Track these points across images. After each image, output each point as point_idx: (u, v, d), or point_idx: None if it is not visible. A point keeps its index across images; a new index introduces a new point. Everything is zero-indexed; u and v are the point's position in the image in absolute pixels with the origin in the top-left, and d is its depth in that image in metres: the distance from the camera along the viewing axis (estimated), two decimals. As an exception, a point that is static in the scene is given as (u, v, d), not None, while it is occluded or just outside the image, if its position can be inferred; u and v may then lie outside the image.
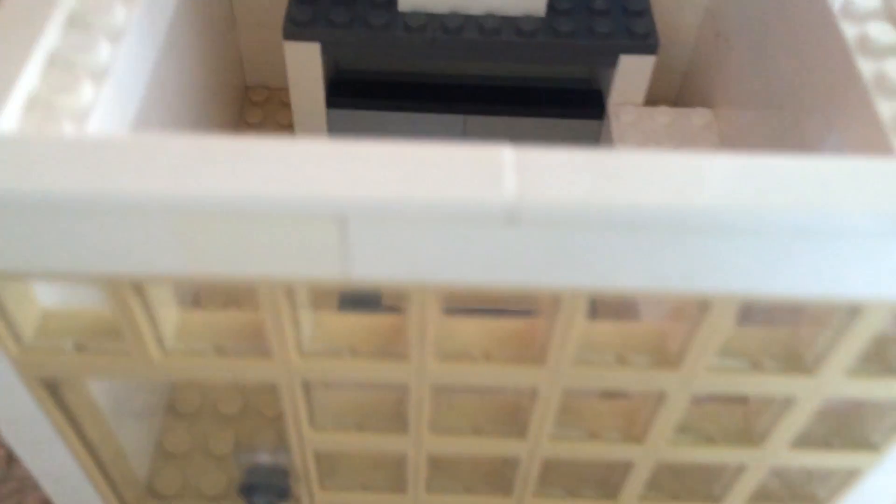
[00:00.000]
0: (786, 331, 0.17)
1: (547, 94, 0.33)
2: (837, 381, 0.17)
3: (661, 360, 0.17)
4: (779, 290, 0.15)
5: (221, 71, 0.33)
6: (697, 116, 0.31)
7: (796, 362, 0.17)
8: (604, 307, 0.30)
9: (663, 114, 0.31)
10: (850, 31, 0.21)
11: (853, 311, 0.15)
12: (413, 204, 0.13)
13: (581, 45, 0.30)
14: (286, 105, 0.36)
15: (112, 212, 0.13)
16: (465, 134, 0.33)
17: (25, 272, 0.14)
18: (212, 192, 0.13)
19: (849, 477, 0.20)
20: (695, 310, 0.16)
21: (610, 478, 0.21)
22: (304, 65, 0.31)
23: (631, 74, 0.30)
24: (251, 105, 0.38)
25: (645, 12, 0.30)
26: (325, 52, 0.31)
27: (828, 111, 0.21)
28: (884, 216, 0.13)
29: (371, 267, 0.14)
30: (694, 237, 0.14)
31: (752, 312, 0.16)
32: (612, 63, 0.30)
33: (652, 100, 0.32)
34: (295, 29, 0.30)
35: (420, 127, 0.33)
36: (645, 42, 0.30)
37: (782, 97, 0.25)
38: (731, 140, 0.30)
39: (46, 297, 0.17)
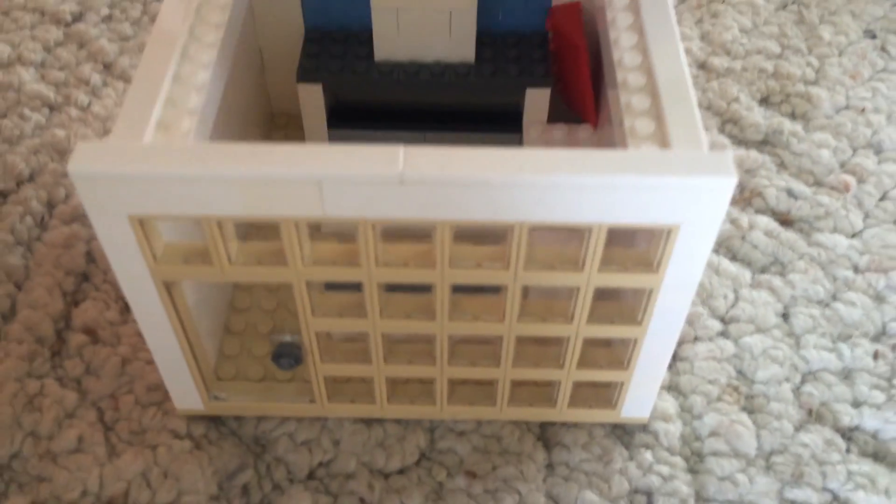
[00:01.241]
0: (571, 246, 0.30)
1: (483, 115, 0.46)
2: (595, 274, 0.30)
3: (502, 266, 0.30)
4: (554, 217, 0.28)
5: (256, 103, 0.47)
6: (582, 130, 0.44)
7: (574, 264, 0.30)
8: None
9: (559, 129, 0.44)
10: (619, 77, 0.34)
11: (587, 231, 0.28)
12: (356, 174, 0.27)
13: (498, 83, 0.43)
14: (300, 127, 0.50)
15: (204, 182, 0.27)
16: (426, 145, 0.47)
17: (158, 215, 0.28)
18: (254, 171, 0.27)
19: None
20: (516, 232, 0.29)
21: (493, 352, 0.35)
22: (311, 99, 0.45)
23: (535, 102, 0.44)
24: (276, 127, 0.51)
25: (544, 58, 0.44)
26: (326, 90, 0.44)
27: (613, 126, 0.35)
28: (587, 178, 0.27)
29: (336, 209, 0.28)
30: (496, 190, 0.27)
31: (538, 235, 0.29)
32: (522, 94, 0.44)
33: (555, 119, 0.45)
34: (305, 75, 0.44)
35: (393, 141, 0.46)
36: (543, 80, 0.43)
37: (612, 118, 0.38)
38: (602, 144, 0.43)
39: (167, 234, 0.30)
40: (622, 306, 0.33)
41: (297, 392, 0.37)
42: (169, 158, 0.27)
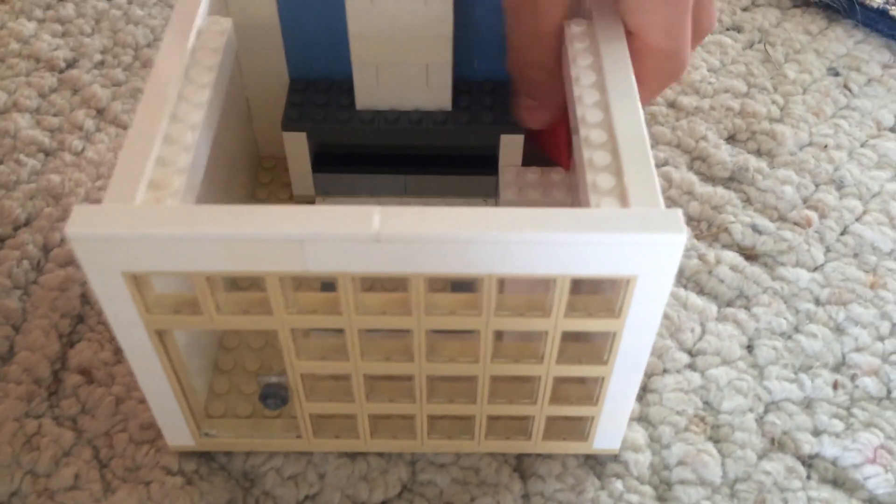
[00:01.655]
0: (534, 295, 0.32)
1: (459, 159, 0.48)
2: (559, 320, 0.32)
3: (474, 313, 0.32)
4: (521, 269, 0.30)
5: (244, 148, 0.49)
6: (555, 173, 0.46)
7: (542, 310, 0.32)
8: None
9: (533, 172, 0.46)
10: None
11: (552, 281, 0.31)
12: (335, 233, 0.29)
13: (475, 129, 0.46)
14: (287, 169, 0.52)
15: (193, 242, 0.29)
16: (406, 188, 0.49)
17: (150, 271, 0.30)
18: (240, 232, 0.29)
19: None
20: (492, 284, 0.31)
21: (470, 389, 0.37)
22: (296, 146, 0.47)
23: (509, 147, 0.46)
24: (263, 169, 0.53)
25: (517, 106, 0.46)
26: (310, 138, 0.47)
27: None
28: (550, 235, 0.29)
29: (317, 265, 0.30)
30: (460, 246, 0.29)
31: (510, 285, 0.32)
32: (497, 140, 0.46)
33: (528, 162, 0.48)
34: (289, 124, 0.46)
35: (375, 184, 0.49)
36: (516, 126, 0.45)
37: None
38: (574, 186, 0.45)
39: (157, 283, 0.32)
40: (590, 347, 0.35)
41: (285, 428, 0.39)
42: (159, 220, 0.29)
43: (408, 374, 0.35)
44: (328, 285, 0.33)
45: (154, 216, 0.29)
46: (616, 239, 0.29)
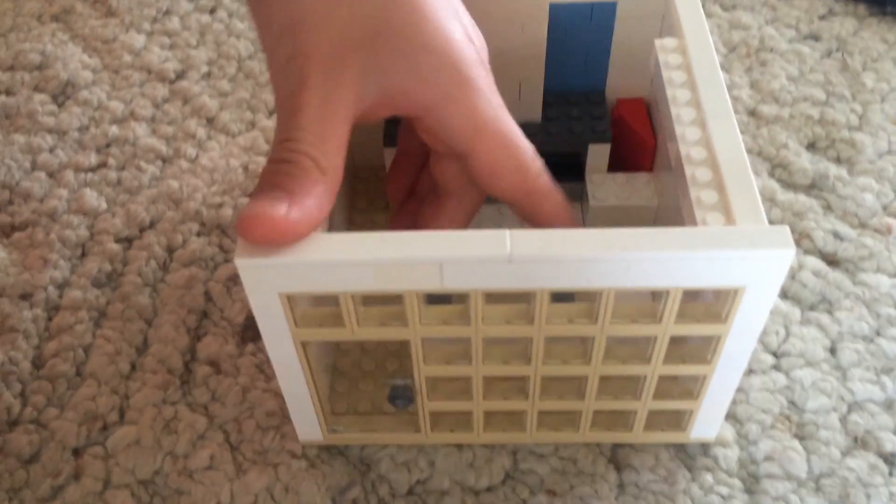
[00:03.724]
0: (650, 303, 0.36)
1: (550, 166, 0.51)
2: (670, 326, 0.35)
3: (590, 321, 0.36)
4: (637, 284, 0.33)
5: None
6: (640, 178, 0.49)
7: (653, 317, 0.35)
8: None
9: (619, 177, 0.49)
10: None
11: (665, 293, 0.34)
12: (472, 255, 0.32)
13: (563, 139, 0.48)
14: (381, 179, 0.53)
15: (343, 266, 0.33)
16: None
17: (303, 292, 0.34)
18: (386, 255, 0.32)
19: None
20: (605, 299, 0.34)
21: (580, 387, 0.40)
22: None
23: (596, 155, 0.49)
24: (358, 179, 0.55)
25: (604, 116, 0.49)
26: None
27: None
28: (667, 253, 0.32)
29: (453, 283, 0.33)
30: (584, 264, 0.32)
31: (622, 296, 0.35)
32: (585, 148, 0.49)
33: (613, 168, 0.50)
34: (390, 140, 0.48)
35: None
36: (603, 135, 0.48)
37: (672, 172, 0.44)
38: (659, 191, 0.48)
39: (303, 303, 0.36)
40: (693, 348, 0.38)
41: (404, 423, 0.43)
42: (313, 248, 0.32)
43: (523, 375, 0.39)
44: (435, 298, 0.36)
45: (308, 244, 0.33)
46: (729, 255, 0.32)
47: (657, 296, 0.35)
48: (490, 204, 0.52)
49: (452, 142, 0.37)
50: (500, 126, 0.37)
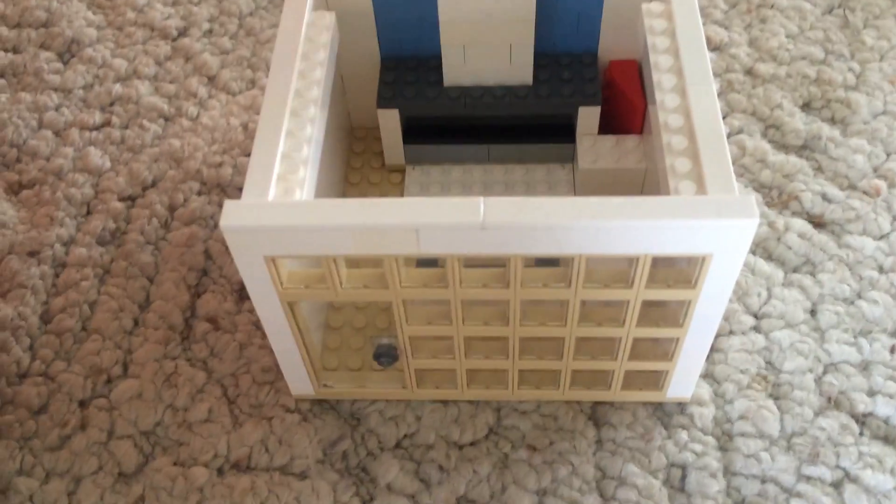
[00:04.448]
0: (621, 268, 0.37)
1: (539, 128, 0.52)
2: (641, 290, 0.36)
3: (564, 285, 0.37)
4: (607, 250, 0.34)
5: (339, 122, 0.54)
6: (629, 141, 0.49)
7: (625, 282, 0.36)
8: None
9: (609, 139, 0.50)
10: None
11: (635, 259, 0.35)
12: (446, 222, 0.33)
13: (554, 102, 0.49)
14: (377, 138, 0.55)
15: (324, 231, 0.34)
16: (489, 156, 0.53)
17: (287, 255, 0.35)
18: (364, 221, 0.34)
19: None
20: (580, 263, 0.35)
21: (558, 347, 0.41)
22: (389, 121, 0.51)
23: (587, 117, 0.49)
24: (355, 139, 0.57)
25: (594, 79, 0.49)
26: (401, 113, 0.50)
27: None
28: (634, 222, 0.33)
29: (429, 248, 0.34)
30: (554, 231, 0.33)
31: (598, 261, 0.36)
32: (575, 111, 0.49)
33: (603, 130, 0.51)
34: (383, 102, 0.50)
35: (460, 153, 0.53)
36: (593, 98, 0.48)
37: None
38: (647, 153, 0.48)
39: (290, 262, 0.38)
40: (666, 311, 0.39)
41: (391, 380, 0.45)
42: (296, 213, 0.34)
43: (503, 335, 0.40)
44: (424, 261, 0.37)
45: (290, 210, 0.34)
46: (694, 224, 0.33)
47: (631, 262, 0.36)
48: (460, 166, 0.52)
49: None
50: None
